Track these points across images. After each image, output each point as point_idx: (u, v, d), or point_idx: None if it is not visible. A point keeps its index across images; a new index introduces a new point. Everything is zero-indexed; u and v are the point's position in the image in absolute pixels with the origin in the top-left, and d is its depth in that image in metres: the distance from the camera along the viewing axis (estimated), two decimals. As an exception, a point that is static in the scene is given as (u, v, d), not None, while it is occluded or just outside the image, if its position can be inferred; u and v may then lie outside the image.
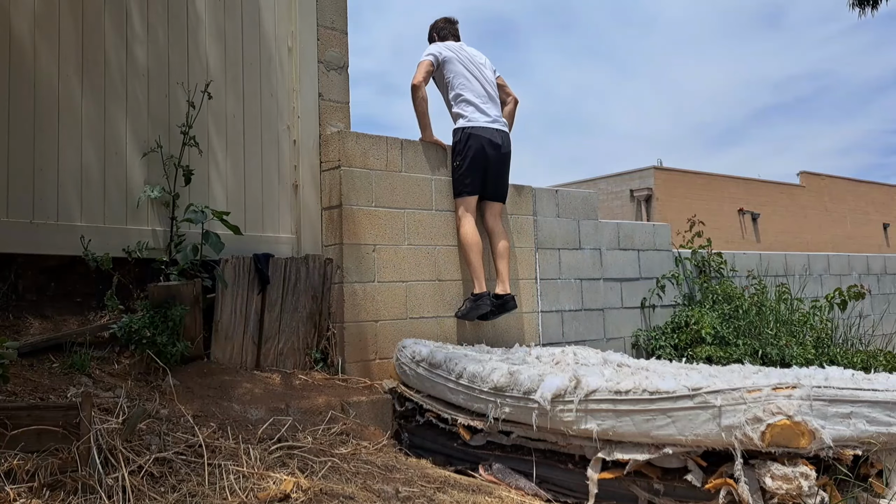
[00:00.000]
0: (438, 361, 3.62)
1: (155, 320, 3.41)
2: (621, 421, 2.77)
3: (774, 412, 2.45)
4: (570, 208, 5.44)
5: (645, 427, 2.71)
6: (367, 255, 4.28)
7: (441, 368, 3.58)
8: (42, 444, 2.35)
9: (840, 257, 7.95)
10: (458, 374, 3.45)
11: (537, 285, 5.10)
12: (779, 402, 2.45)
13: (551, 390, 2.97)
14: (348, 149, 4.30)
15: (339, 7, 4.63)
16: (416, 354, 3.81)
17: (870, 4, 9.60)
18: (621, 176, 19.95)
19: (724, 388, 2.56)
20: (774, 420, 2.44)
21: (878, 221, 25.01)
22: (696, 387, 2.62)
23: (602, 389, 2.85)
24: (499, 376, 3.23)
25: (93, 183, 3.65)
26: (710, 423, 2.55)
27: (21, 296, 3.59)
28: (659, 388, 2.71)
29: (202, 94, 3.89)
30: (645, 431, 2.71)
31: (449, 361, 3.56)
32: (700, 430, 2.57)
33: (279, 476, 2.64)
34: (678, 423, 2.63)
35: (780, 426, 2.43)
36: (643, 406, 2.72)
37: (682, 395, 2.64)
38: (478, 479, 3.26)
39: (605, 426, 2.82)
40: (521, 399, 3.10)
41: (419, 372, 3.74)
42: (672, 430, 2.64)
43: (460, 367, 3.46)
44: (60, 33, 3.60)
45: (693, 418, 2.59)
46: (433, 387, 3.64)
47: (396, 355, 4.00)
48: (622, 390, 2.79)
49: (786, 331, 5.69)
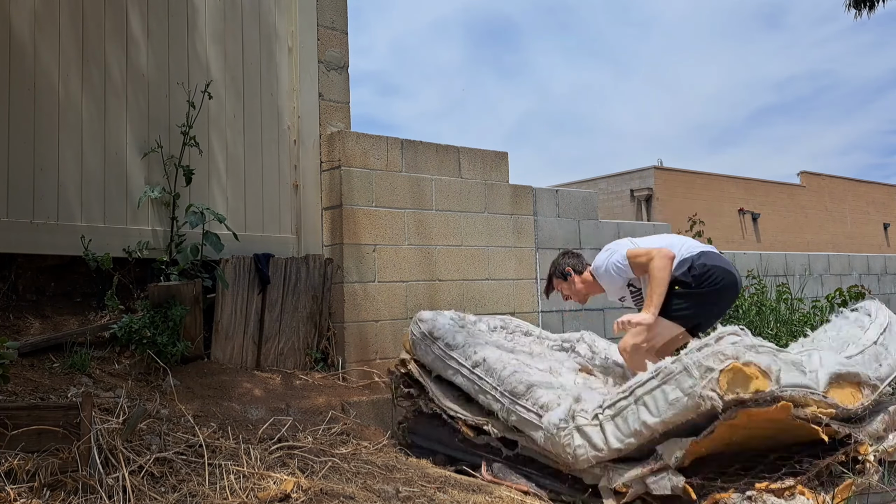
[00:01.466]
0: (457, 343, 3.47)
1: (155, 320, 3.41)
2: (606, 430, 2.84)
3: (722, 359, 2.54)
4: (571, 208, 5.44)
5: (627, 427, 2.78)
6: (368, 255, 4.28)
7: (457, 350, 3.44)
8: (42, 444, 2.35)
9: (840, 257, 7.94)
10: (473, 363, 3.35)
11: (537, 285, 5.10)
12: (724, 349, 2.57)
13: (559, 416, 2.96)
14: (348, 149, 4.30)
15: (339, 7, 4.63)
16: (436, 329, 3.58)
17: (866, 6, 9.63)
18: (622, 176, 19.94)
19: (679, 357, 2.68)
20: (724, 365, 2.53)
21: (879, 221, 24.99)
22: (656, 367, 2.74)
23: (589, 409, 2.91)
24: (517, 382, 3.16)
25: (93, 183, 3.65)
26: (676, 391, 2.63)
27: (21, 296, 3.59)
28: (628, 383, 2.84)
29: (202, 94, 3.89)
30: (628, 431, 2.77)
31: (467, 347, 3.43)
32: (672, 404, 2.64)
33: (279, 476, 2.64)
34: (651, 407, 2.70)
35: (731, 369, 2.52)
36: (621, 405, 2.80)
37: (647, 379, 2.74)
38: (478, 478, 3.26)
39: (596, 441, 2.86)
40: (531, 412, 3.06)
41: (435, 351, 3.53)
42: (650, 417, 2.71)
43: (478, 357, 3.35)
44: (60, 32, 3.60)
45: (661, 397, 2.68)
46: (445, 369, 3.49)
47: (411, 328, 3.72)
48: (601, 403, 2.88)
49: (786, 330, 5.69)
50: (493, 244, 4.91)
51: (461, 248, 4.73)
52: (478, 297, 4.76)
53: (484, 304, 4.78)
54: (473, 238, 4.81)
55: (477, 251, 4.81)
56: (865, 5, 9.62)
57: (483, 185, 4.91)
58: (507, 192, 5.04)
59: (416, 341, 3.65)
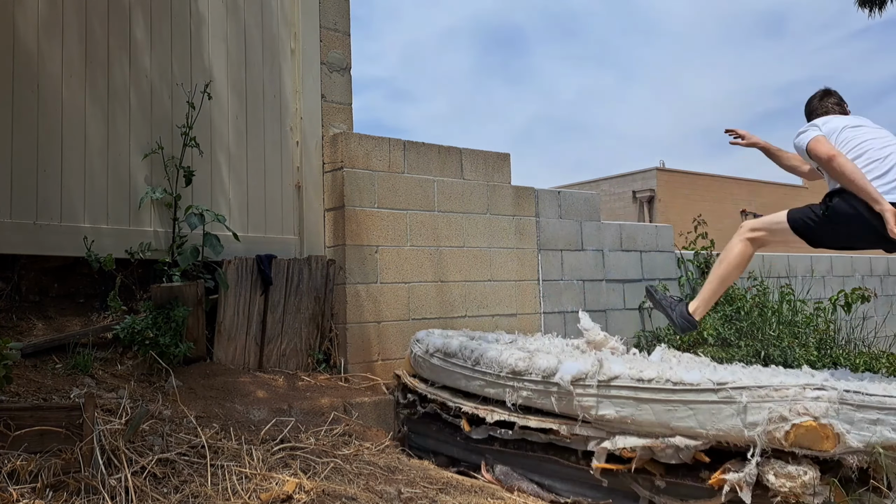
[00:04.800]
0: (454, 350, 3.56)
1: (158, 321, 3.42)
2: (641, 409, 2.74)
3: (801, 412, 2.42)
4: (573, 209, 5.44)
5: (665, 417, 2.68)
6: (370, 256, 4.29)
7: (456, 357, 3.53)
8: (45, 444, 2.36)
9: (843, 259, 7.93)
10: (474, 361, 3.41)
11: (540, 286, 5.10)
12: (806, 403, 2.43)
13: (571, 373, 2.93)
14: (351, 150, 4.30)
15: (342, 8, 4.64)
16: (430, 346, 3.72)
17: (876, 5, 9.66)
18: (624, 177, 19.93)
19: (751, 385, 2.53)
20: (800, 420, 2.41)
21: (881, 223, 24.94)
22: (721, 381, 2.59)
23: (624, 376, 2.81)
24: (516, 360, 3.19)
25: (96, 184, 3.66)
26: (734, 418, 2.52)
27: (24, 297, 3.59)
28: (683, 378, 2.68)
29: (202, 94, 3.89)
30: (665, 422, 2.68)
31: (464, 349, 3.51)
32: (722, 424, 2.55)
33: (282, 477, 2.64)
34: (699, 415, 2.60)
35: (805, 427, 2.40)
36: (665, 395, 2.68)
37: (706, 389, 2.60)
38: (480, 480, 3.27)
39: (625, 413, 2.78)
40: (539, 383, 3.06)
41: (433, 363, 3.66)
42: (692, 423, 2.62)
43: (477, 354, 3.41)
44: (64, 35, 3.61)
45: (716, 412, 2.56)
46: (448, 376, 3.58)
47: (411, 348, 3.92)
48: (645, 378, 2.76)
49: (788, 332, 5.68)
50: (496, 245, 4.91)
51: (463, 249, 4.73)
52: (480, 298, 4.76)
53: (486, 304, 4.78)
54: (476, 239, 4.81)
55: (479, 252, 4.81)
56: (875, 4, 9.65)
57: (485, 186, 4.91)
58: (510, 194, 5.04)
59: (417, 358, 3.82)
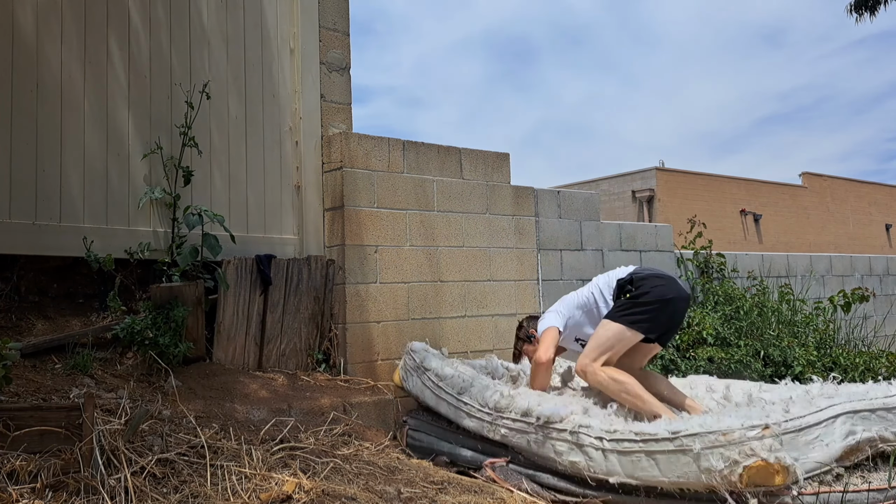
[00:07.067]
0: (446, 374, 3.55)
1: (157, 321, 3.41)
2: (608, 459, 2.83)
3: (748, 454, 2.53)
4: (572, 209, 5.44)
5: (630, 469, 2.76)
6: (370, 256, 4.28)
7: (445, 382, 3.52)
8: (45, 444, 2.36)
9: (843, 258, 7.93)
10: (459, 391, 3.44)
11: (539, 286, 5.10)
12: (752, 444, 2.55)
13: (545, 415, 3.02)
14: (350, 150, 4.30)
15: (341, 8, 4.64)
16: (424, 363, 3.66)
17: (868, 10, 9.69)
18: (623, 177, 19.92)
19: (701, 432, 2.63)
20: (750, 462, 2.52)
21: (881, 222, 24.94)
22: (675, 430, 2.68)
23: (594, 427, 2.90)
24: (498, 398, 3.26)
25: (95, 184, 3.66)
26: (691, 465, 2.61)
27: (24, 297, 3.59)
28: (643, 429, 2.78)
29: (200, 94, 3.89)
30: (630, 472, 2.77)
31: (456, 377, 3.52)
32: (681, 471, 2.63)
33: (281, 477, 2.64)
34: (661, 465, 2.69)
35: (755, 467, 2.51)
36: (627, 447, 2.78)
37: (663, 438, 2.70)
38: (479, 479, 3.26)
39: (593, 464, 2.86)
40: (517, 421, 3.13)
41: (424, 382, 3.63)
42: (656, 472, 2.70)
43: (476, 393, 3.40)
44: (63, 35, 3.61)
45: (674, 461, 2.65)
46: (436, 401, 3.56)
47: (404, 359, 3.83)
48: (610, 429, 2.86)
49: (788, 332, 5.68)
50: (495, 245, 4.91)
51: (463, 248, 4.73)
52: (479, 298, 4.76)
53: (486, 304, 4.78)
54: (475, 239, 4.81)
55: (479, 252, 4.81)
56: (867, 9, 9.69)
57: (485, 185, 4.91)
58: (509, 193, 5.04)
59: (408, 370, 3.79)
